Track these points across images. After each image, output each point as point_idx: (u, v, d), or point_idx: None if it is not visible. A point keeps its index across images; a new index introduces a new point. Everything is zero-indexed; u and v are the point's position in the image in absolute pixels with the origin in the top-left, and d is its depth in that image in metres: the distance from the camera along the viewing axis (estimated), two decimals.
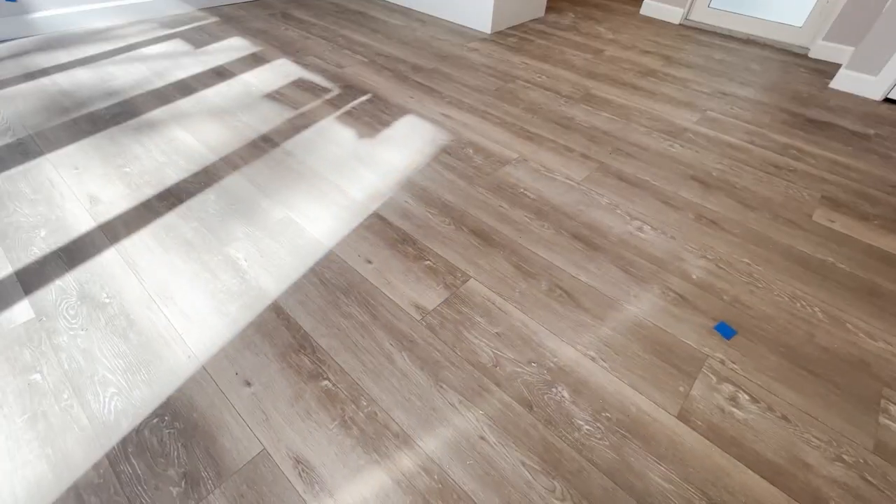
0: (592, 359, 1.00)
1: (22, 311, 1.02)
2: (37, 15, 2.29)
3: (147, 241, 1.21)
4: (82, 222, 1.26)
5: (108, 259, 1.16)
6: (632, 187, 1.52)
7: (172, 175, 1.45)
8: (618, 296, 1.14)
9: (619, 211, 1.42)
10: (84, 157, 1.50)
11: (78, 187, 1.38)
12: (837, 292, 1.19)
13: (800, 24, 2.71)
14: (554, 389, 0.93)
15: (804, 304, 1.15)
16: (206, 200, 1.36)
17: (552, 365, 0.98)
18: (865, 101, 2.23)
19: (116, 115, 1.73)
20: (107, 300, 1.05)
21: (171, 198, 1.36)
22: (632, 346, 1.03)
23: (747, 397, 0.94)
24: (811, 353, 1.04)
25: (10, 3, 2.21)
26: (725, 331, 1.07)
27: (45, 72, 1.99)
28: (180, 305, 1.05)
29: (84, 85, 1.90)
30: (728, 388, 0.95)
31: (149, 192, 1.38)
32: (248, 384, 0.91)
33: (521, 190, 1.48)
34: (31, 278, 1.09)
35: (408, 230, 1.30)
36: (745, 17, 2.87)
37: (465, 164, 1.58)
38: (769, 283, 1.20)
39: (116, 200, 1.34)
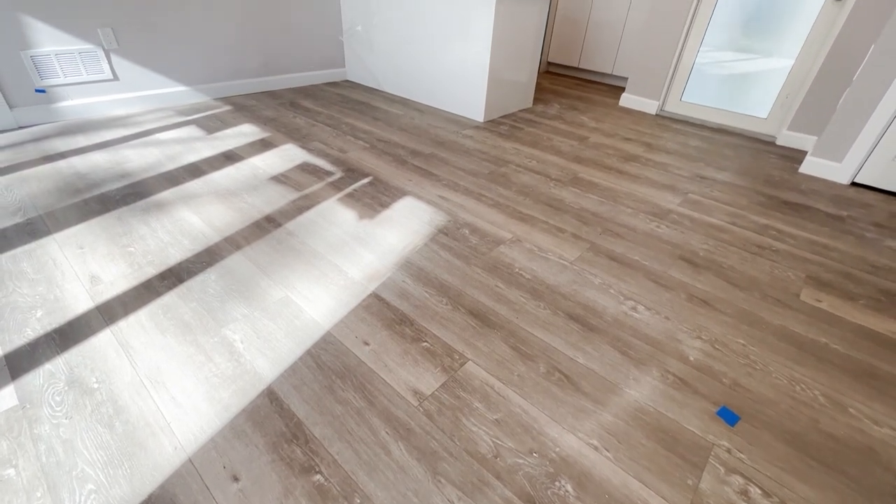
0: (595, 448, 0.96)
1: (5, 397, 0.99)
2: (62, 104, 2.46)
3: (144, 322, 1.21)
4: (80, 302, 1.26)
5: (103, 341, 1.14)
6: (623, 267, 1.57)
7: (175, 255, 1.48)
8: (617, 379, 1.13)
9: (612, 291, 1.45)
10: (90, 237, 1.54)
11: (80, 267, 1.40)
12: (835, 375, 1.19)
13: (765, 116, 2.98)
14: (557, 483, 0.89)
15: (804, 387, 1.15)
16: (206, 280, 1.37)
17: (554, 455, 0.94)
18: (834, 184, 2.38)
19: (127, 195, 1.80)
20: (95, 385, 1.03)
21: (172, 277, 1.38)
22: (635, 433, 1.00)
23: (759, 491, 0.90)
24: (818, 440, 1.01)
25: (39, 93, 2.39)
26: (729, 416, 1.05)
27: (62, 155, 2.10)
28: (171, 391, 1.02)
29: (99, 167, 2.00)
30: (738, 481, 0.92)
31: (150, 271, 1.40)
32: (236, 479, 0.86)
33: (517, 270, 1.52)
34: (21, 362, 1.07)
35: (405, 310, 1.31)
36: (715, 109, 3.15)
37: (461, 245, 1.63)
38: (766, 365, 1.20)
39: (117, 280, 1.35)
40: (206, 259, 1.47)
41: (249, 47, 3.07)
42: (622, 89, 4.10)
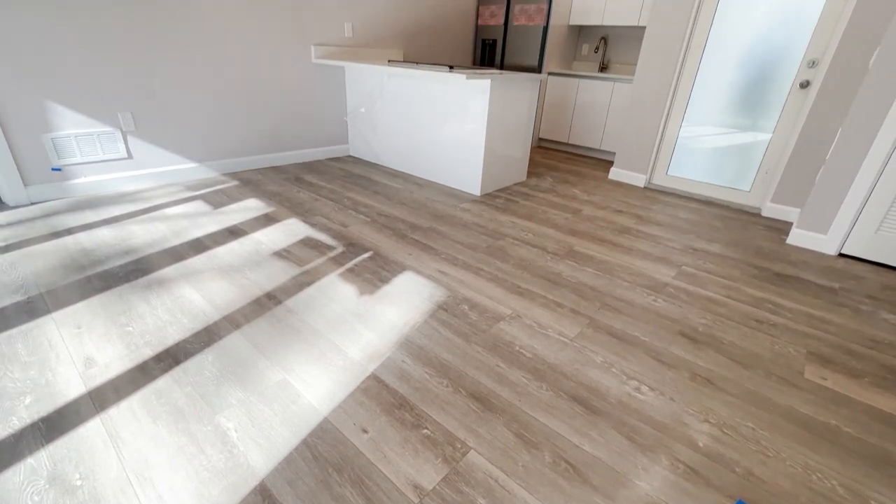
0: None
1: None
2: (75, 181, 2.57)
3: (135, 409, 1.17)
4: (72, 387, 1.23)
5: (91, 431, 1.10)
6: (623, 344, 1.57)
7: (174, 334, 1.47)
8: (626, 469, 1.09)
9: (614, 370, 1.43)
10: (89, 316, 1.53)
11: (76, 348, 1.38)
12: (850, 461, 1.15)
13: (748, 189, 3.12)
14: None
15: (820, 476, 1.10)
16: (203, 362, 1.35)
17: None
18: (822, 255, 2.45)
19: (130, 272, 1.82)
20: (78, 482, 0.97)
21: (169, 359, 1.36)
22: None
23: None
24: None
25: (55, 171, 2.50)
26: None
27: (70, 231, 2.15)
28: (158, 489, 0.97)
29: (104, 243, 2.04)
30: None
31: (147, 352, 1.38)
32: None
33: (517, 348, 1.51)
34: (2, 455, 1.02)
35: (405, 393, 1.28)
36: (700, 183, 3.31)
37: (461, 321, 1.63)
38: (779, 452, 1.16)
39: (112, 362, 1.33)
40: (204, 339, 1.46)
41: (259, 126, 3.27)
42: (610, 163, 4.33)
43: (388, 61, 3.50)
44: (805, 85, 2.73)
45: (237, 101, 3.09)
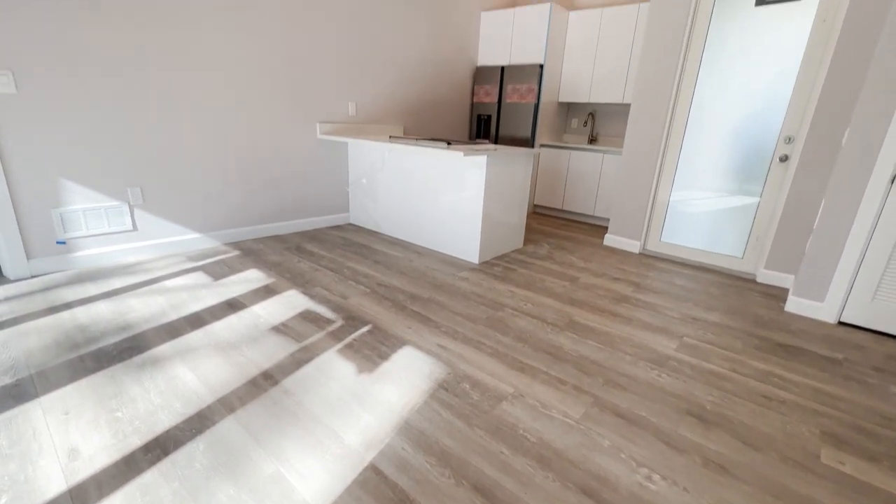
0: None
1: None
2: (79, 253, 2.59)
3: None
4: (53, 484, 1.16)
5: None
6: (630, 425, 1.52)
7: (165, 420, 1.41)
8: None
9: (623, 455, 1.37)
10: (78, 400, 1.48)
11: (60, 437, 1.32)
12: None
13: (741, 256, 3.18)
14: None
15: None
16: (194, 452, 1.29)
17: None
18: (822, 324, 2.44)
19: (124, 350, 1.79)
20: None
21: (158, 449, 1.30)
22: None
23: None
24: None
25: (60, 244, 2.53)
26: None
27: (68, 305, 2.14)
28: None
29: (101, 318, 2.03)
30: None
31: (135, 441, 1.32)
32: None
33: (521, 431, 1.45)
34: None
35: (405, 487, 1.21)
36: (694, 249, 3.38)
37: (462, 402, 1.59)
38: None
39: (97, 454, 1.27)
40: (196, 425, 1.40)
41: (263, 198, 3.37)
42: (605, 228, 4.44)
43: (390, 137, 3.70)
44: (784, 159, 2.88)
45: (243, 175, 3.21)
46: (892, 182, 2.20)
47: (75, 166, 2.48)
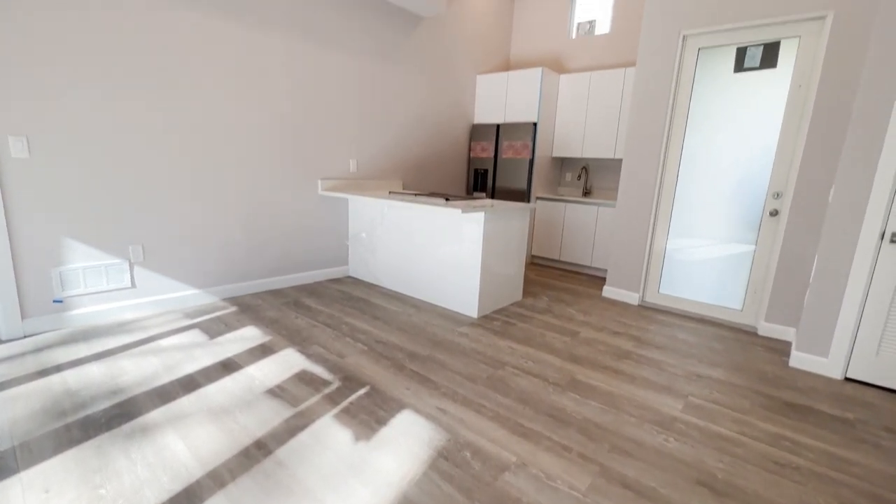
0: None
1: None
2: (75, 311, 2.57)
3: None
4: None
5: None
6: (640, 498, 1.45)
7: (150, 498, 1.34)
8: None
9: None
10: (62, 475, 1.41)
11: None
12: None
13: (740, 308, 3.18)
14: None
15: None
16: None
17: None
18: (828, 380, 2.40)
19: (113, 417, 1.73)
20: None
21: None
22: None
23: None
24: None
25: (56, 303, 2.52)
26: None
27: (58, 368, 2.09)
28: None
29: (92, 382, 1.98)
30: None
31: None
32: None
33: None
34: None
35: None
36: (693, 301, 3.38)
37: (463, 472, 1.52)
38: None
39: None
40: (183, 503, 1.33)
41: (263, 253, 3.40)
42: (603, 279, 4.45)
43: (389, 192, 3.79)
44: (774, 213, 2.95)
45: (245, 231, 3.26)
46: (882, 238, 2.24)
47: (79, 225, 2.52)
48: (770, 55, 2.87)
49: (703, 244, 3.28)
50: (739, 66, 2.99)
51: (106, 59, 2.47)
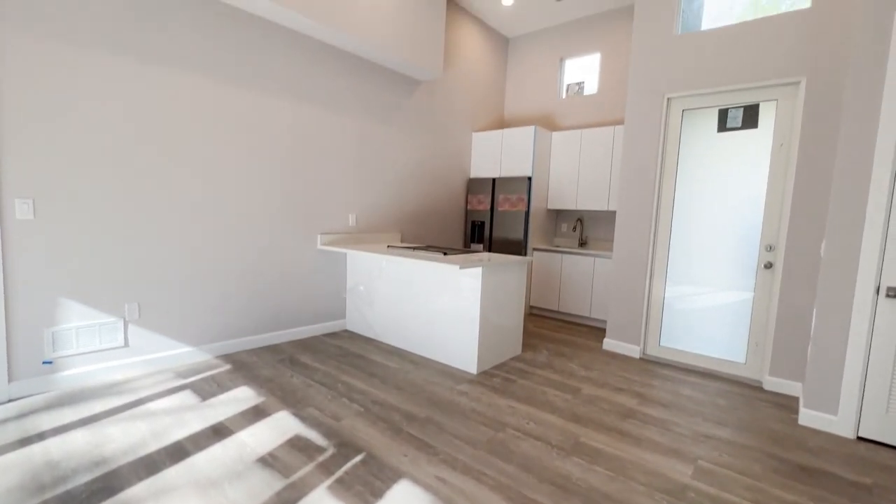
0: None
1: None
2: (64, 373, 2.51)
3: None
4: None
5: None
6: None
7: None
8: None
9: None
10: None
11: None
12: None
13: (743, 361, 3.13)
14: None
15: None
16: None
17: None
18: (841, 440, 2.32)
19: (94, 493, 1.64)
20: None
21: None
22: None
23: None
24: None
25: (46, 364, 2.46)
26: None
27: (41, 435, 2.01)
28: None
29: (75, 451, 1.89)
30: None
31: None
32: None
33: None
34: None
35: None
36: (695, 354, 3.33)
37: None
38: None
39: None
40: None
41: (259, 308, 3.37)
42: (602, 330, 4.41)
43: (387, 246, 3.83)
44: (769, 266, 2.99)
45: (242, 286, 3.25)
46: (878, 292, 2.26)
47: (77, 285, 2.51)
48: (750, 116, 3.03)
49: (701, 292, 3.29)
50: (722, 127, 3.14)
51: (114, 121, 2.57)
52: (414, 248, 3.61)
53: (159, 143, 2.74)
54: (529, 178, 4.69)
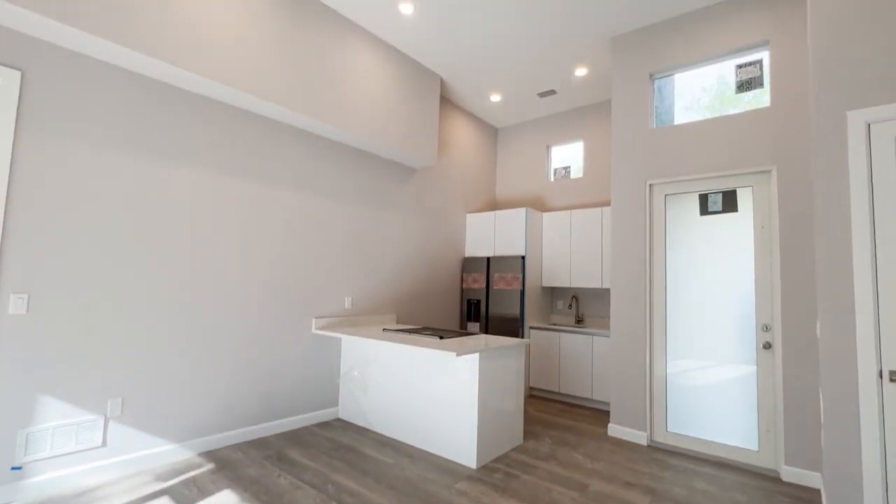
0: None
1: None
2: (32, 479, 2.33)
3: None
4: None
5: None
6: None
7: None
8: None
9: None
10: None
11: None
12: None
13: (756, 449, 2.98)
14: None
15: None
16: None
17: None
18: None
19: None
20: None
21: None
22: None
23: None
24: None
25: (15, 470, 2.29)
26: None
27: None
28: None
29: None
30: None
31: None
32: None
33: None
34: None
35: None
36: (705, 441, 3.17)
37: None
38: None
39: None
40: None
41: (247, 399, 3.24)
42: (605, 413, 4.23)
43: (383, 329, 3.79)
44: (768, 346, 2.96)
45: (231, 377, 3.15)
46: (881, 377, 2.22)
47: (60, 381, 2.43)
48: (730, 201, 3.19)
49: (702, 366, 3.21)
50: (704, 210, 3.29)
51: (114, 217, 2.66)
52: (410, 331, 3.57)
53: (156, 238, 2.82)
54: (523, 257, 4.79)
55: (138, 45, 2.50)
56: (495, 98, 5.08)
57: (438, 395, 3.11)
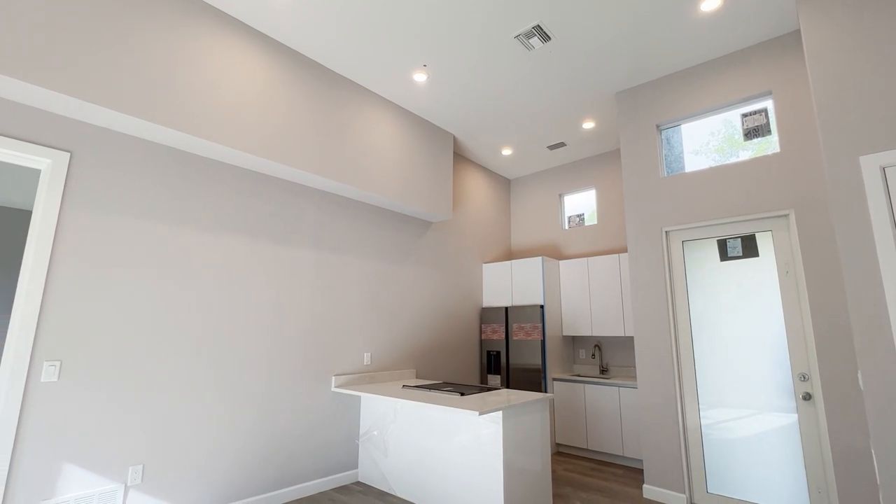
0: None
1: None
2: None
3: None
4: None
5: None
6: None
7: None
8: None
9: None
10: None
11: None
12: None
13: None
14: None
15: None
16: None
17: None
18: None
19: None
20: None
21: None
22: None
23: None
24: None
25: None
26: None
27: None
28: None
29: None
30: None
31: None
32: None
33: None
34: None
35: None
36: (749, 503, 2.94)
37: None
38: None
39: None
40: None
41: (264, 464, 3.17)
42: (639, 471, 3.98)
43: (402, 386, 3.73)
44: (808, 398, 2.81)
45: (250, 443, 3.10)
46: None
47: (83, 449, 2.43)
48: (749, 246, 3.16)
49: (738, 416, 3.03)
50: (724, 256, 3.25)
51: (145, 286, 2.76)
52: (430, 387, 3.50)
53: (184, 303, 2.90)
54: (542, 306, 4.74)
55: (184, 126, 2.72)
56: (506, 152, 5.26)
57: (461, 456, 2.98)
